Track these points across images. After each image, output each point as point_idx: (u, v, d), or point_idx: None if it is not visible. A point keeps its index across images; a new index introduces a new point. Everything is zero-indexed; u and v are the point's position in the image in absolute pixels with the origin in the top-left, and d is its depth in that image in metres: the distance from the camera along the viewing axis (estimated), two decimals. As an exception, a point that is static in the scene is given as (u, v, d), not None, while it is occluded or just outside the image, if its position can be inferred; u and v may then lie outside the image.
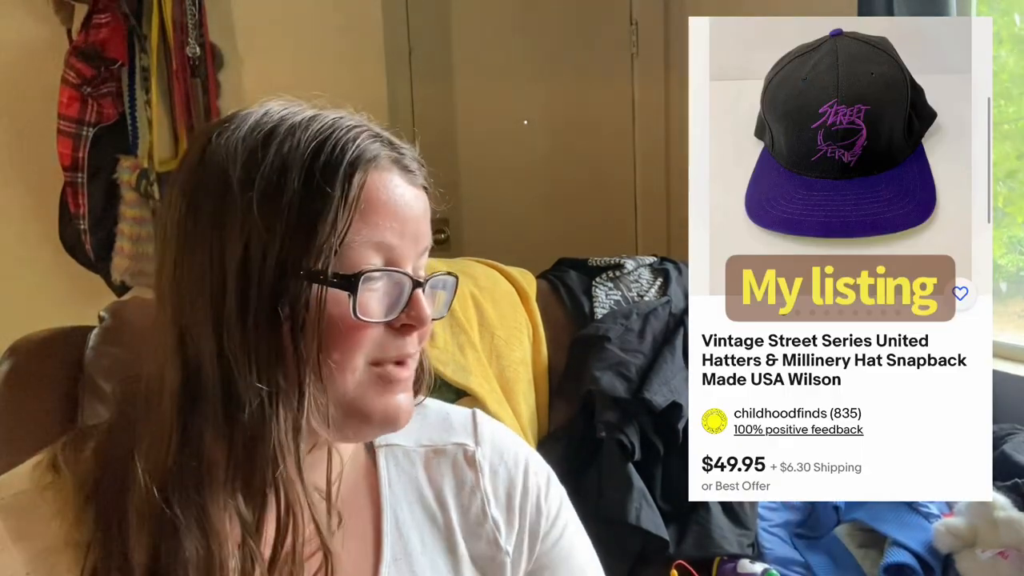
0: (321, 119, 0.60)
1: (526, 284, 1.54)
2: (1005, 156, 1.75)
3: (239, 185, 0.56)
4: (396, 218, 0.59)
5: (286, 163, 0.57)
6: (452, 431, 0.72)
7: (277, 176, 0.56)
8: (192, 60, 1.82)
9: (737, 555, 1.25)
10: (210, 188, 0.57)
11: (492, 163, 2.21)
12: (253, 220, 0.55)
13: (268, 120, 0.59)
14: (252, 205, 0.55)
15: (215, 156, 0.57)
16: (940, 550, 1.18)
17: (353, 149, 0.59)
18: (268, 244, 0.55)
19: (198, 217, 0.56)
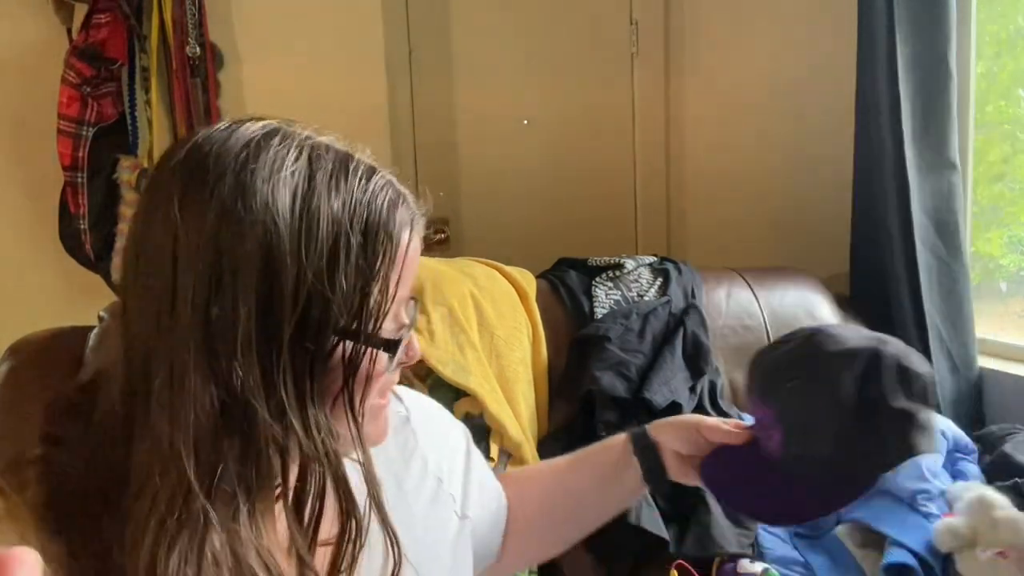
0: (360, 175, 0.59)
1: (526, 284, 1.54)
2: (1005, 156, 1.75)
3: (291, 245, 0.54)
4: (415, 273, 0.63)
5: (341, 222, 0.56)
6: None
7: (334, 238, 0.55)
8: (192, 60, 1.81)
9: (737, 555, 1.25)
10: (251, 242, 0.54)
11: (492, 163, 2.21)
12: (308, 282, 0.54)
13: (297, 160, 0.57)
14: (305, 268, 0.54)
15: (249, 203, 0.54)
16: (940, 550, 1.18)
17: (400, 210, 0.60)
18: (326, 304, 0.55)
19: (233, 261, 0.53)
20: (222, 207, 0.53)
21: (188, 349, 0.53)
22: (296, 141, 0.58)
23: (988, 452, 1.41)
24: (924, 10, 1.56)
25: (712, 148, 2.21)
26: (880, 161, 1.65)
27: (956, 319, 1.63)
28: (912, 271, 1.61)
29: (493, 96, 2.19)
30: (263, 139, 0.57)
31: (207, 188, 0.54)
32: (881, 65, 1.60)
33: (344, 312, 0.56)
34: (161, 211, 0.54)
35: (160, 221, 0.54)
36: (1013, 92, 1.71)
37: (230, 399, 0.54)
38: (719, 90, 2.16)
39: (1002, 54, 1.72)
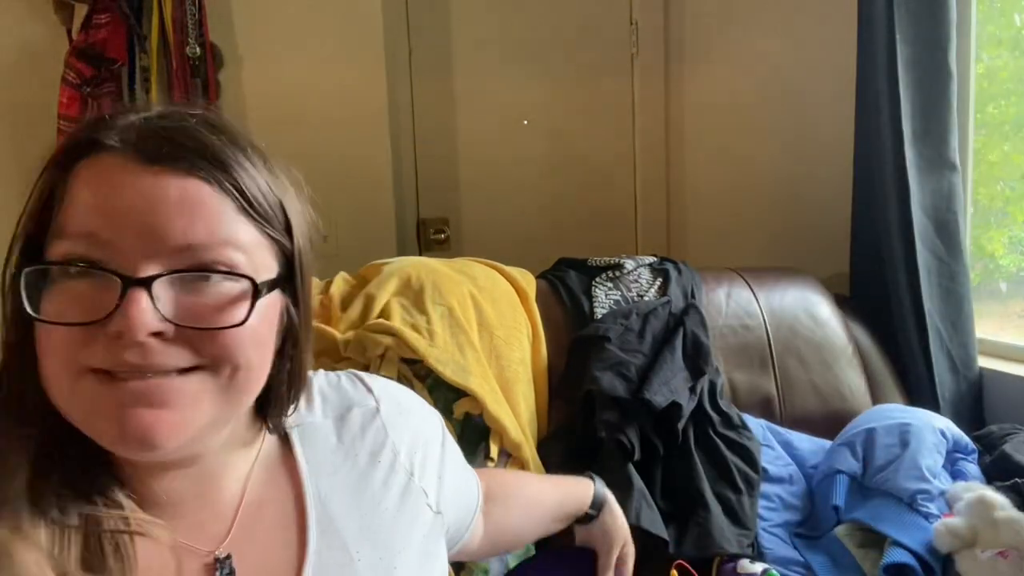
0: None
1: (526, 284, 1.54)
2: (1005, 157, 1.75)
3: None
4: (109, 208, 0.53)
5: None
6: (347, 395, 0.74)
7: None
8: (192, 60, 1.81)
9: (737, 555, 1.25)
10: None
11: (492, 163, 2.21)
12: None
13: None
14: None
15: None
16: (940, 550, 1.18)
17: (81, 134, 0.56)
18: (17, 232, 0.56)
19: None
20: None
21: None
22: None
23: (988, 452, 1.41)
24: (924, 10, 1.56)
25: (712, 148, 2.21)
26: (880, 161, 1.65)
27: (956, 319, 1.63)
28: (912, 271, 1.61)
29: (493, 96, 2.19)
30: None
31: None
32: (881, 65, 1.60)
33: (19, 233, 0.56)
34: None
35: None
36: (1014, 92, 1.71)
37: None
38: (719, 90, 2.16)
39: (1003, 54, 1.72)
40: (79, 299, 0.52)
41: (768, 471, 1.40)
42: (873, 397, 1.60)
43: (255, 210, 0.57)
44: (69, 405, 0.54)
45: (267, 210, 0.58)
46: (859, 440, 1.38)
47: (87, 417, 0.53)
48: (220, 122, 0.59)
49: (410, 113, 2.11)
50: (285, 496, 0.66)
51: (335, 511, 0.66)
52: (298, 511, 0.66)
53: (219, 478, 0.63)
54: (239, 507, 0.63)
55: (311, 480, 0.67)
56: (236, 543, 0.61)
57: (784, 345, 1.60)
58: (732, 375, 1.55)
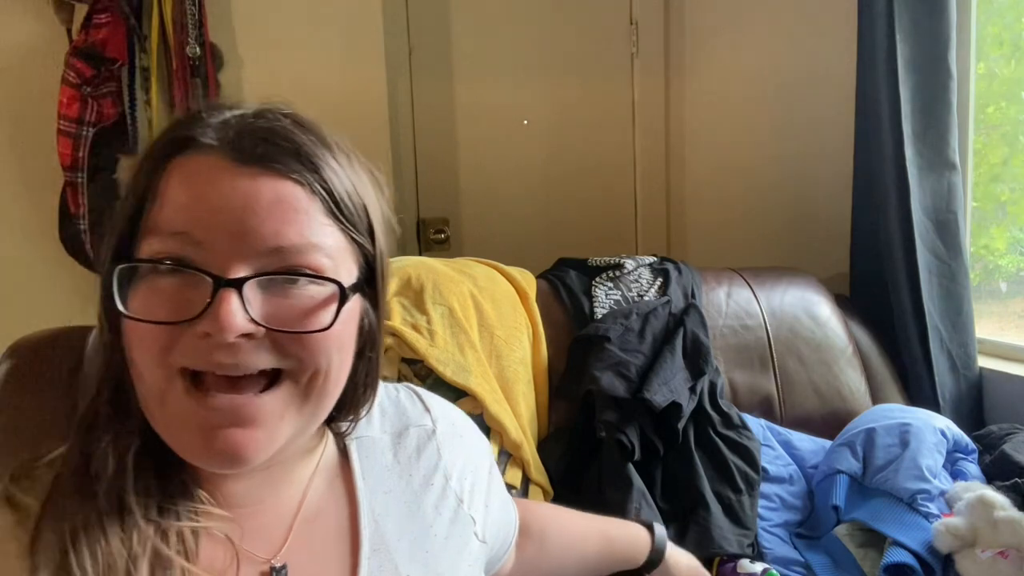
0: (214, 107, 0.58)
1: (526, 284, 1.54)
2: (1005, 157, 1.75)
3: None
4: (204, 208, 0.52)
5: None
6: (406, 412, 0.74)
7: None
8: (192, 60, 1.81)
9: (737, 555, 1.25)
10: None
11: (492, 163, 2.21)
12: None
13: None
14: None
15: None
16: (940, 550, 1.18)
17: (175, 132, 0.55)
18: (111, 229, 0.55)
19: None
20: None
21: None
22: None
23: (988, 452, 1.41)
24: (924, 10, 1.56)
25: (712, 148, 2.21)
26: (880, 161, 1.65)
27: (956, 319, 1.63)
28: (912, 271, 1.61)
29: (493, 96, 2.19)
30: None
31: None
32: (881, 65, 1.60)
33: (115, 232, 0.55)
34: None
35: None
36: (1014, 93, 1.71)
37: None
38: (719, 90, 2.16)
39: (1004, 55, 1.72)
40: (168, 297, 0.52)
41: (768, 471, 1.40)
42: (873, 397, 1.60)
43: (343, 214, 0.57)
44: (158, 411, 0.54)
45: (353, 213, 0.58)
46: (859, 440, 1.38)
47: (176, 431, 0.53)
48: (309, 121, 0.59)
49: (410, 113, 2.11)
50: (340, 509, 0.66)
51: (388, 531, 0.66)
52: (352, 526, 0.65)
53: (282, 485, 0.63)
54: (296, 515, 0.63)
55: (366, 496, 0.66)
56: (291, 552, 0.61)
57: (784, 345, 1.60)
58: (732, 375, 1.55)
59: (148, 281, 0.52)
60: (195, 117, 0.56)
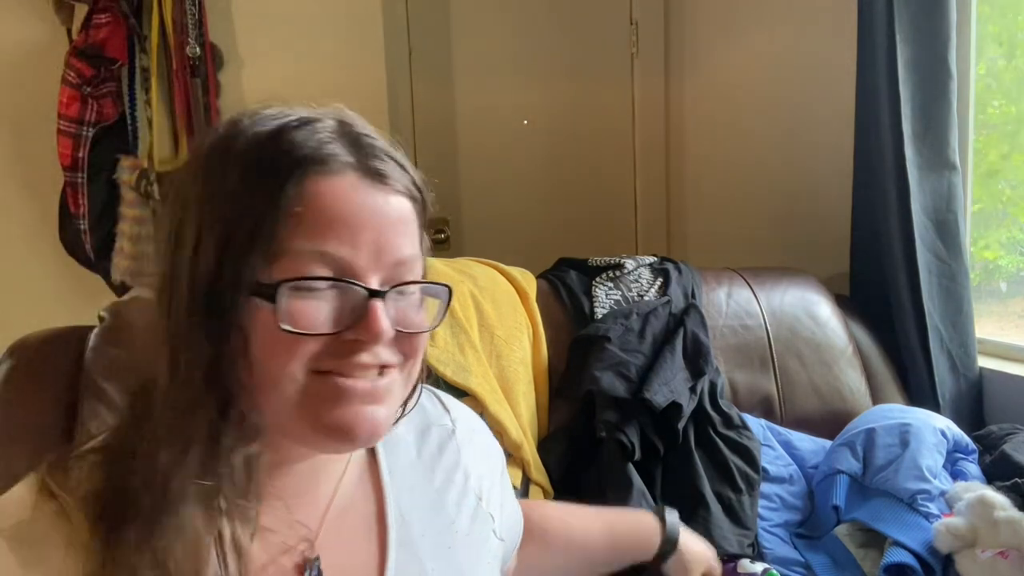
0: (284, 115, 0.58)
1: (526, 284, 1.54)
2: (1005, 157, 1.75)
3: (195, 185, 0.57)
4: (346, 227, 0.56)
5: (233, 162, 0.56)
6: (427, 412, 0.76)
7: (222, 176, 0.56)
8: (192, 60, 1.82)
9: (737, 555, 1.25)
10: (178, 190, 0.58)
11: (492, 163, 2.21)
12: (202, 221, 0.55)
13: (242, 118, 0.59)
14: (202, 207, 0.55)
15: (191, 156, 0.59)
16: (940, 550, 1.18)
17: (300, 149, 0.56)
18: (214, 247, 0.55)
19: (167, 222, 0.58)
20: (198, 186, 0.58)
21: (182, 317, 0.56)
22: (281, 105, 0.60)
23: (988, 452, 1.41)
24: (924, 10, 1.55)
25: (712, 148, 2.21)
26: (880, 161, 1.65)
27: (956, 319, 1.63)
28: (912, 271, 1.61)
29: (493, 96, 2.19)
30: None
31: (184, 174, 0.58)
32: (881, 65, 1.60)
33: (230, 251, 0.55)
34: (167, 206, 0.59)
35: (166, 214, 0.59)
36: (1015, 93, 1.71)
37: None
38: (719, 90, 2.16)
39: (1005, 54, 1.72)
40: (319, 310, 0.56)
41: (768, 471, 1.40)
42: (873, 397, 1.60)
43: (427, 223, 0.63)
44: (290, 402, 0.57)
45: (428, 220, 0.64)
46: (859, 440, 1.38)
47: (304, 412, 0.57)
48: (383, 134, 0.64)
49: (410, 113, 2.11)
50: (368, 504, 0.68)
51: (413, 526, 0.68)
52: (379, 520, 0.67)
53: (320, 477, 0.65)
54: (328, 508, 0.65)
55: (392, 492, 0.69)
56: (324, 544, 0.63)
57: (784, 345, 1.60)
58: (732, 375, 1.55)
59: (299, 297, 0.55)
60: (321, 134, 0.58)
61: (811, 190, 1.99)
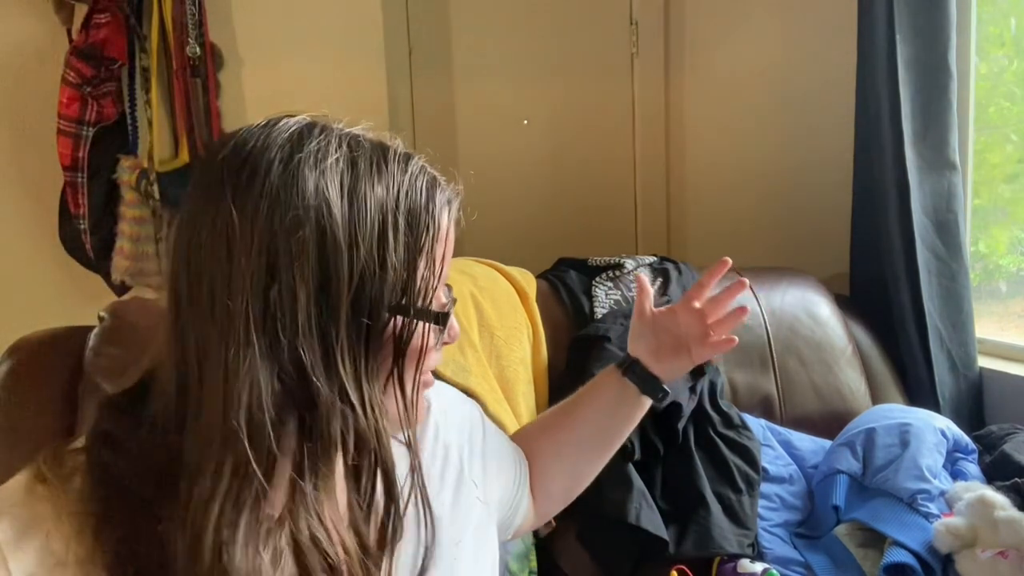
0: (398, 161, 0.64)
1: (526, 284, 1.54)
2: (1007, 158, 1.75)
3: (344, 229, 0.58)
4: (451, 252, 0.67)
5: (386, 204, 0.61)
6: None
7: (381, 220, 0.60)
8: (192, 60, 1.81)
9: (737, 555, 1.25)
10: (306, 228, 0.57)
11: (492, 163, 2.21)
12: (362, 262, 0.58)
13: (338, 148, 0.61)
14: (358, 249, 0.58)
15: (300, 191, 0.57)
16: (940, 550, 1.18)
17: (438, 192, 0.67)
18: (379, 282, 0.60)
19: (288, 247, 0.57)
20: (274, 197, 0.57)
21: (247, 332, 0.55)
22: (334, 132, 0.62)
23: (988, 452, 1.41)
24: (924, 11, 1.55)
25: (712, 148, 2.21)
26: (880, 161, 1.65)
27: (956, 319, 1.63)
28: (912, 271, 1.61)
29: (493, 96, 2.19)
30: (304, 131, 0.61)
31: (257, 180, 0.57)
32: (881, 65, 1.60)
33: (396, 288, 0.61)
34: (212, 207, 0.57)
35: (212, 216, 0.57)
36: (1016, 93, 1.71)
37: (291, 379, 0.57)
38: (719, 90, 2.16)
39: (1007, 54, 1.72)
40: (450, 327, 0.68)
41: (768, 471, 1.40)
42: (873, 397, 1.60)
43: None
44: (412, 393, 0.64)
45: None
46: (859, 440, 1.38)
47: (412, 404, 0.65)
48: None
49: (410, 113, 2.11)
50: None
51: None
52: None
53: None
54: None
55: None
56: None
57: (784, 345, 1.60)
58: (732, 375, 1.55)
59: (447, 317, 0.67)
60: (429, 177, 0.67)
61: (811, 190, 1.99)
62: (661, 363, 0.91)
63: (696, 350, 0.90)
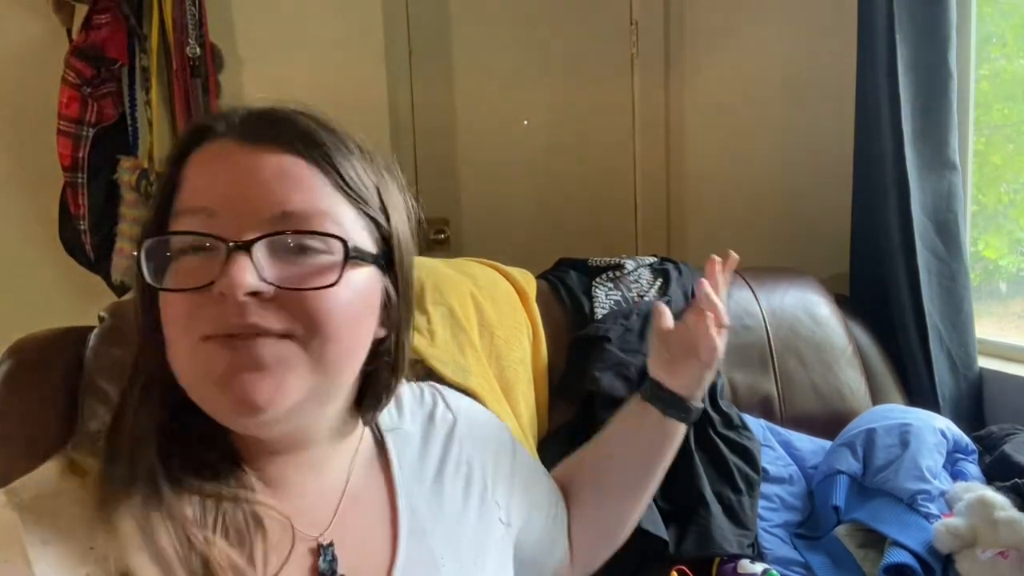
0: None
1: (526, 284, 1.54)
2: (1008, 158, 1.75)
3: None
4: (213, 184, 0.57)
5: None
6: (430, 408, 0.79)
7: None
8: (192, 60, 1.81)
9: (737, 555, 1.25)
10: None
11: (492, 163, 2.21)
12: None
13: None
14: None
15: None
16: (940, 550, 1.18)
17: (196, 125, 0.61)
18: (144, 220, 0.60)
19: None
20: None
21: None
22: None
23: (988, 452, 1.41)
24: (924, 10, 1.55)
25: (712, 148, 2.21)
26: (880, 161, 1.65)
27: (956, 319, 1.63)
28: (912, 271, 1.61)
29: (493, 96, 2.19)
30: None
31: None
32: (881, 65, 1.60)
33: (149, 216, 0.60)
34: None
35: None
36: (1017, 94, 1.71)
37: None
38: (719, 90, 2.16)
39: (1008, 54, 1.72)
40: (193, 271, 0.56)
41: (768, 471, 1.40)
42: (873, 397, 1.60)
43: (350, 188, 0.60)
44: (187, 375, 0.57)
45: (362, 189, 0.61)
46: (859, 440, 1.38)
47: (198, 384, 0.57)
48: (322, 116, 0.63)
49: (410, 113, 2.11)
50: (379, 496, 0.70)
51: (423, 517, 0.69)
52: (391, 511, 0.69)
53: (324, 467, 0.66)
54: (341, 497, 0.66)
55: (403, 484, 0.71)
56: (337, 530, 0.64)
57: (784, 345, 1.60)
58: (732, 375, 1.55)
59: (176, 261, 0.57)
60: (216, 114, 0.61)
61: (811, 190, 1.99)
62: (676, 375, 0.87)
63: (701, 348, 0.86)
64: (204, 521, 0.56)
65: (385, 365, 0.67)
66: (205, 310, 0.55)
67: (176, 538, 0.54)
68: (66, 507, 0.55)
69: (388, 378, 0.68)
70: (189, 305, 0.56)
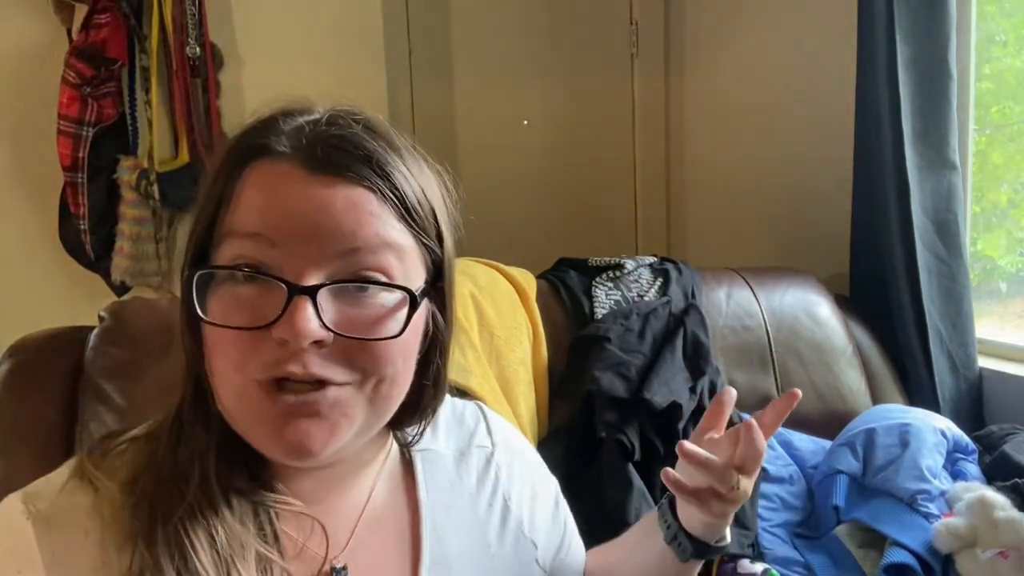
0: (282, 109, 0.59)
1: (526, 284, 1.54)
2: (1010, 158, 1.75)
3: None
4: (276, 211, 0.53)
5: (221, 151, 0.58)
6: (469, 431, 0.74)
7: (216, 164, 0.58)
8: (192, 60, 1.81)
9: (737, 555, 1.25)
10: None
11: (492, 163, 2.21)
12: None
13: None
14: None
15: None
16: (940, 550, 1.18)
17: (256, 138, 0.56)
18: (189, 234, 0.57)
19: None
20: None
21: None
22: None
23: (988, 452, 1.41)
24: (924, 10, 1.55)
25: (712, 148, 2.21)
26: (880, 161, 1.65)
27: (956, 319, 1.63)
28: (912, 271, 1.60)
29: (493, 96, 2.19)
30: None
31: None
32: (881, 65, 1.60)
33: (192, 239, 0.57)
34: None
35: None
36: (1018, 94, 1.71)
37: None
38: (719, 90, 2.16)
39: (1009, 54, 1.72)
40: (246, 303, 0.53)
41: (768, 471, 1.40)
42: (873, 397, 1.60)
43: (413, 219, 0.58)
44: (235, 409, 0.55)
45: (423, 217, 0.59)
46: (859, 440, 1.38)
47: (249, 423, 0.55)
48: (379, 125, 0.60)
49: (410, 113, 2.11)
50: (402, 518, 0.66)
51: (449, 546, 0.65)
52: (413, 536, 0.65)
53: (348, 486, 0.64)
54: (359, 518, 0.63)
55: (428, 508, 0.66)
56: (352, 554, 0.61)
57: (784, 345, 1.60)
58: (732, 375, 1.55)
59: (227, 287, 0.54)
60: (269, 122, 0.57)
61: (811, 190, 1.99)
62: (702, 526, 0.72)
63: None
64: (235, 541, 0.55)
65: (428, 387, 0.65)
66: (261, 351, 0.52)
67: (211, 557, 0.53)
68: (82, 520, 0.54)
69: (431, 400, 0.66)
70: (241, 343, 0.53)
